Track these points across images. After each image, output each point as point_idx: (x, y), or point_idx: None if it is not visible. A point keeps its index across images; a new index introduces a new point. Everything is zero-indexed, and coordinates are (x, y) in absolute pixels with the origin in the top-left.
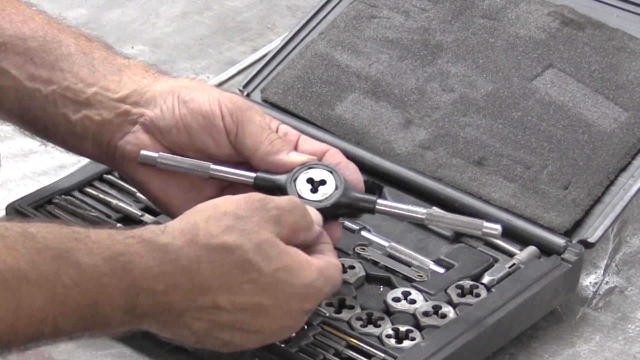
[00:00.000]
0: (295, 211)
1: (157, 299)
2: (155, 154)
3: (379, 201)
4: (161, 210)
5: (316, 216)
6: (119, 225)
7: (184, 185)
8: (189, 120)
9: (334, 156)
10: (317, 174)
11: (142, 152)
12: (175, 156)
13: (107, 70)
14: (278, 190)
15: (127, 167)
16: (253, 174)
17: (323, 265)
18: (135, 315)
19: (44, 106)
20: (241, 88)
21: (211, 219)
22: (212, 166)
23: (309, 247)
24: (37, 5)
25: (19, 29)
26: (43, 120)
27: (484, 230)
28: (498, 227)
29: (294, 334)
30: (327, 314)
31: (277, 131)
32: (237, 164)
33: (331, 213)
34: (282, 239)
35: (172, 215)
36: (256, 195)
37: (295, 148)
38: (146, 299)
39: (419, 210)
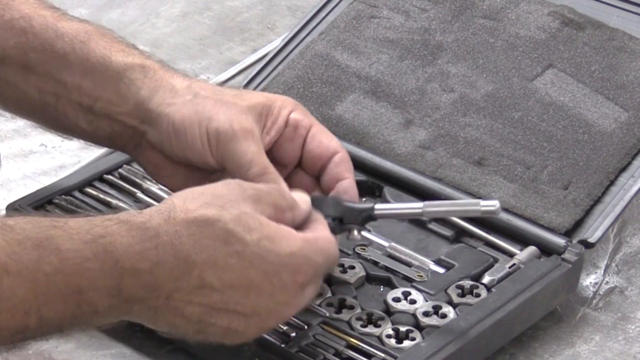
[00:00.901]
0: (272, 191)
1: (142, 279)
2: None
3: (376, 206)
4: None
5: (302, 197)
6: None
7: (194, 183)
8: (184, 151)
9: (338, 166)
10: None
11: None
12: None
13: (105, 80)
14: None
15: (146, 172)
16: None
17: (310, 236)
18: (123, 299)
19: (57, 117)
20: (241, 88)
21: (188, 198)
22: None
23: (299, 228)
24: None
25: (20, 38)
26: (62, 126)
27: (482, 209)
28: (495, 202)
29: (294, 334)
30: (327, 314)
31: (287, 123)
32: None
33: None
34: (267, 217)
35: None
36: (234, 179)
37: (304, 145)
38: (131, 280)
39: (415, 206)
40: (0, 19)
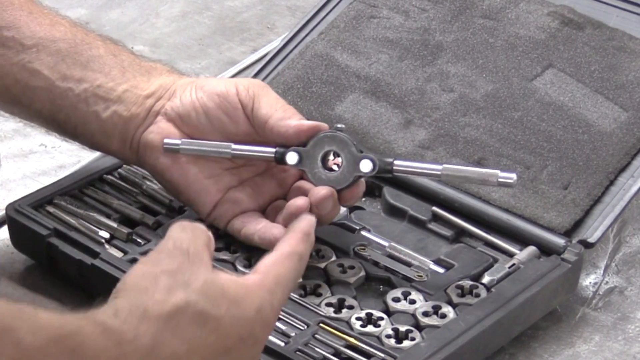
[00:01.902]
0: (197, 232)
1: None
2: (178, 141)
3: (396, 162)
4: (181, 199)
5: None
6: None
7: (204, 172)
8: (205, 101)
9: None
10: (332, 145)
11: (166, 140)
12: (197, 140)
13: (136, 71)
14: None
15: (149, 157)
16: (273, 149)
17: (259, 279)
18: None
19: (76, 104)
20: None
21: (149, 288)
22: (234, 146)
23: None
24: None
25: (49, 31)
26: (74, 119)
27: (500, 179)
28: (513, 175)
29: (293, 333)
30: (327, 314)
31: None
32: (256, 143)
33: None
34: (209, 265)
35: (193, 203)
36: (165, 244)
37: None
38: None
39: (434, 167)
40: (30, 16)
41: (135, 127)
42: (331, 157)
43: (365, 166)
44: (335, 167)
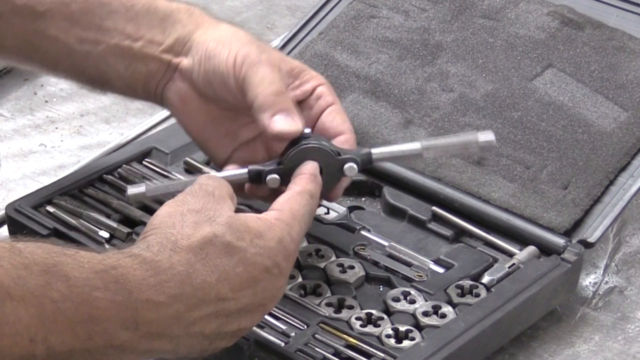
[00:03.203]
0: (222, 183)
1: (162, 312)
2: (143, 190)
3: (374, 151)
4: (200, 148)
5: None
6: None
7: (220, 130)
8: (210, 77)
9: (341, 144)
10: (311, 157)
11: (129, 191)
12: (162, 185)
13: (150, 22)
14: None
15: (172, 111)
16: (245, 170)
17: (277, 214)
18: (142, 334)
19: (97, 65)
20: None
21: (177, 224)
22: (205, 174)
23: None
24: None
25: None
26: (99, 77)
27: (481, 143)
28: (491, 134)
29: (293, 333)
30: (327, 314)
31: (313, 92)
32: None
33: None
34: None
35: (210, 155)
36: (192, 188)
37: (317, 119)
38: (149, 313)
39: (413, 146)
40: None
41: (155, 83)
42: None
43: (350, 170)
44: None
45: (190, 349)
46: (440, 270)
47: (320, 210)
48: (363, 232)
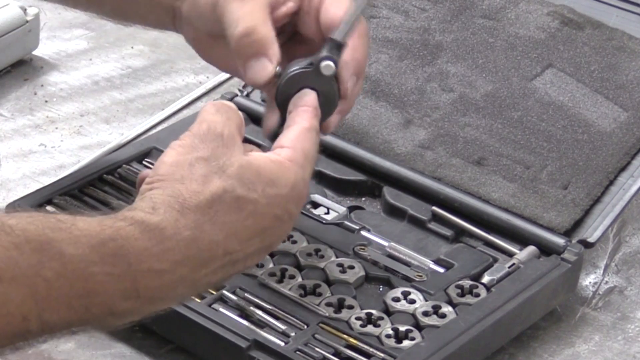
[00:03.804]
0: (231, 115)
1: (164, 278)
2: None
3: (334, 35)
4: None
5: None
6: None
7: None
8: (203, 20)
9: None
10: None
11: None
12: None
13: None
14: None
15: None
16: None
17: (290, 154)
18: (144, 301)
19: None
20: (240, 88)
21: (185, 177)
22: None
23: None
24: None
25: None
26: (120, 15)
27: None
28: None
29: (293, 333)
30: (327, 314)
31: None
32: None
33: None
34: (242, 148)
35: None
36: (200, 128)
37: (319, 17)
38: (150, 282)
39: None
40: None
41: (170, 26)
42: None
43: (327, 69)
44: None
45: (197, 295)
46: (440, 270)
47: (320, 210)
48: (363, 232)
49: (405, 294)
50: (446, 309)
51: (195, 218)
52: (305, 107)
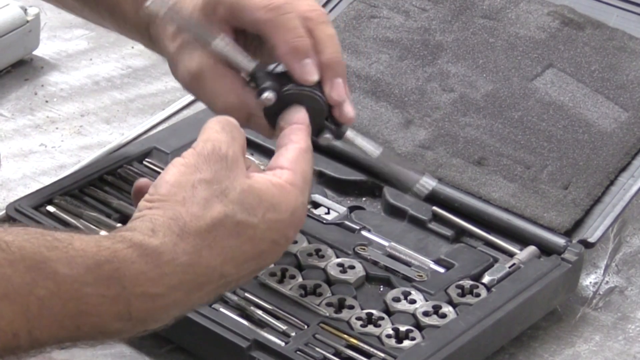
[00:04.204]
0: (235, 135)
1: (157, 303)
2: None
3: (348, 133)
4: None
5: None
6: (115, 225)
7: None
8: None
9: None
10: (306, 102)
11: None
12: (186, 17)
13: None
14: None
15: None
16: (254, 64)
17: (290, 177)
18: (136, 322)
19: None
20: None
21: (187, 200)
22: (219, 39)
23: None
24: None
25: None
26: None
27: (416, 187)
28: (432, 184)
29: (293, 333)
30: (327, 314)
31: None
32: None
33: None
34: (245, 166)
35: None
36: (204, 147)
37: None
38: (143, 304)
39: (374, 150)
40: None
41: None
42: None
43: (324, 140)
44: None
45: (189, 313)
46: (441, 270)
47: (321, 210)
48: (363, 232)
49: (406, 294)
50: (446, 309)
51: (194, 243)
52: (298, 125)
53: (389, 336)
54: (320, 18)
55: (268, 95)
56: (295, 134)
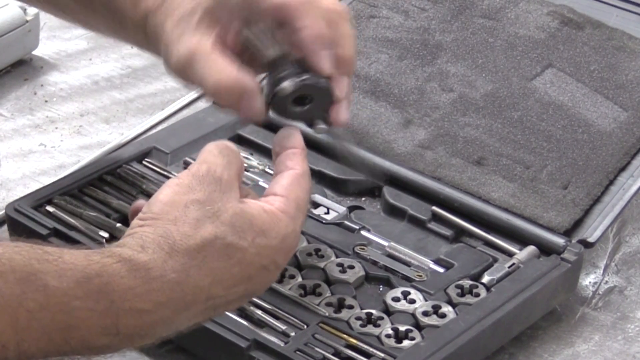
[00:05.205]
0: (232, 159)
1: (144, 319)
2: None
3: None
4: None
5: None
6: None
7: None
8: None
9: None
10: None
11: None
12: None
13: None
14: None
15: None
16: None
17: (283, 205)
18: (123, 338)
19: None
20: None
21: (179, 219)
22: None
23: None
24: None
25: None
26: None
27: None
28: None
29: (293, 333)
30: (327, 314)
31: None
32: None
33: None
34: (239, 193)
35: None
36: (199, 169)
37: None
38: (131, 320)
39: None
40: None
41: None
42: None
43: (319, 130)
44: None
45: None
46: (440, 270)
47: (320, 210)
48: (363, 232)
49: (405, 294)
50: (446, 308)
51: (183, 262)
52: (293, 149)
53: (388, 336)
54: (343, 15)
55: (287, 84)
56: (291, 159)
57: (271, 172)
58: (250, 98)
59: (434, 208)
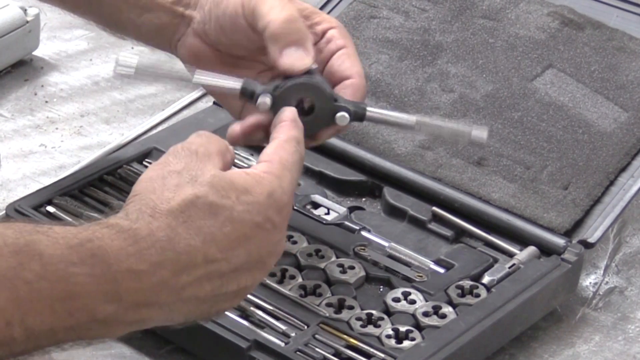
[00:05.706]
0: (212, 141)
1: (145, 281)
2: (133, 62)
3: (369, 108)
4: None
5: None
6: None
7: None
8: (221, 22)
9: (345, 88)
10: (307, 93)
11: (120, 58)
12: (154, 66)
13: None
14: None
15: (185, 66)
16: (240, 81)
17: (265, 166)
18: (127, 306)
19: (111, 13)
20: None
21: (157, 189)
22: (197, 73)
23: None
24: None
25: None
26: (117, 24)
27: (473, 137)
28: (485, 133)
29: (293, 334)
30: (327, 314)
31: (324, 35)
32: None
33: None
34: (220, 168)
35: (228, 107)
36: (175, 147)
37: (326, 63)
38: (131, 283)
39: (409, 118)
40: None
41: (170, 34)
42: (306, 103)
43: (342, 119)
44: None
45: (187, 314)
46: (441, 270)
47: (321, 211)
48: (363, 233)
49: (406, 295)
50: (446, 309)
51: (167, 222)
52: (283, 122)
53: (388, 336)
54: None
55: (263, 99)
56: (278, 131)
57: None
58: (308, 47)
59: (434, 208)
